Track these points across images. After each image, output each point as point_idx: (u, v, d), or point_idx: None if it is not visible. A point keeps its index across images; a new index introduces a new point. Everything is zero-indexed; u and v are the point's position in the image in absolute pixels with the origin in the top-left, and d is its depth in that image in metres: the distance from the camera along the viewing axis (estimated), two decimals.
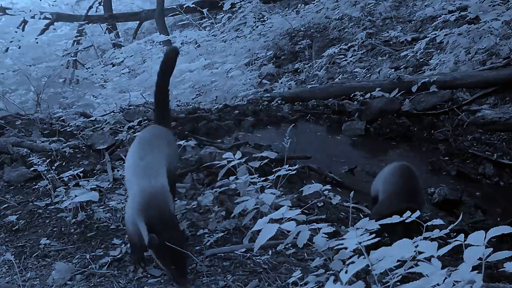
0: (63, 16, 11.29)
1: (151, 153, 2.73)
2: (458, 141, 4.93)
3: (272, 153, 3.41)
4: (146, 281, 2.51)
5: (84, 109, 5.57)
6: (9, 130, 4.65)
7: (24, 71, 5.48)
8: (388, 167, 3.39)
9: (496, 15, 5.61)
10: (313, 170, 4.15)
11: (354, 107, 5.45)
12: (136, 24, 12.93)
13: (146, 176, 2.60)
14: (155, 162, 2.70)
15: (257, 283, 2.42)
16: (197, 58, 7.78)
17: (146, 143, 2.80)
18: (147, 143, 2.79)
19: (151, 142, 2.82)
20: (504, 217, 3.91)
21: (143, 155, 2.71)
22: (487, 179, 4.49)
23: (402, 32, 7.63)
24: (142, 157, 2.70)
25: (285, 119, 5.26)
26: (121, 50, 8.42)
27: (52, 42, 6.51)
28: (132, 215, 2.55)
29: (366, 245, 1.75)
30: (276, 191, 2.86)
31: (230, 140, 4.64)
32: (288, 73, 8.03)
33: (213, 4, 10.61)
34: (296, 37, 8.90)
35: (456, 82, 5.52)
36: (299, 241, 2.08)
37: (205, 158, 3.93)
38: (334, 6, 9.09)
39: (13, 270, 2.64)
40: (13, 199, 3.49)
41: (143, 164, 2.67)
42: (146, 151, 2.73)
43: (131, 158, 2.75)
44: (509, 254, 1.57)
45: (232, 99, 6.19)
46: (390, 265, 1.67)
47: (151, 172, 2.63)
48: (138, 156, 2.71)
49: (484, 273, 1.53)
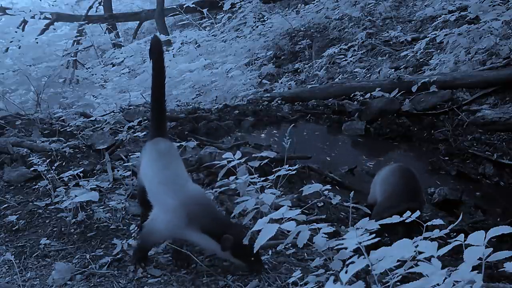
0: (63, 16, 11.30)
1: (172, 162, 2.67)
2: (458, 141, 4.93)
3: (272, 153, 3.41)
4: (146, 281, 2.51)
5: (84, 109, 5.56)
6: (9, 130, 4.65)
7: (24, 71, 5.48)
8: (385, 170, 3.39)
9: (496, 15, 5.61)
10: (313, 170, 4.15)
11: (354, 107, 5.45)
12: (136, 24, 12.95)
13: (179, 184, 2.55)
14: (180, 170, 2.67)
15: (257, 283, 2.42)
16: (197, 58, 7.78)
17: (162, 153, 2.72)
18: (163, 154, 2.71)
19: (167, 152, 2.75)
20: (504, 217, 3.91)
21: (166, 164, 2.65)
22: (487, 179, 4.48)
23: (402, 32, 7.64)
24: (166, 166, 2.64)
25: (285, 119, 5.26)
26: (121, 50, 8.44)
27: (52, 42, 6.52)
28: (174, 227, 2.46)
29: (366, 245, 1.75)
30: (276, 191, 2.86)
31: (230, 140, 4.64)
32: (288, 73, 8.03)
33: (213, 4, 10.61)
34: (296, 37, 8.90)
35: (456, 82, 5.52)
36: (299, 241, 2.08)
37: (205, 158, 3.93)
38: (334, 6, 9.09)
39: (13, 270, 2.64)
40: (13, 199, 3.49)
41: (170, 173, 2.61)
42: (167, 160, 2.66)
43: (151, 169, 2.66)
44: (509, 254, 1.57)
45: (232, 99, 6.19)
46: (390, 265, 1.67)
47: (182, 179, 2.60)
48: (161, 166, 2.63)
49: (484, 273, 1.53)
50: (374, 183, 3.43)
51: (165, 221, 2.50)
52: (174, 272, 2.57)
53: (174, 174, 2.61)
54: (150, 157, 2.72)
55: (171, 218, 2.47)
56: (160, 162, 2.66)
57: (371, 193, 3.44)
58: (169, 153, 2.75)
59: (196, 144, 4.28)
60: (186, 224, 2.41)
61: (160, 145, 2.78)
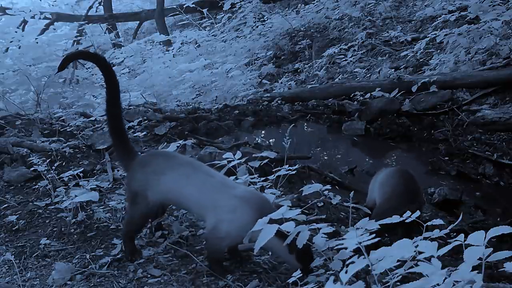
0: (63, 16, 11.31)
1: (209, 169, 2.61)
2: (458, 141, 4.93)
3: (272, 153, 3.41)
4: (146, 281, 2.51)
5: (84, 109, 5.56)
6: (9, 130, 4.65)
7: (24, 71, 5.48)
8: (383, 172, 3.39)
9: (496, 15, 5.62)
10: (313, 170, 4.15)
11: (354, 107, 5.45)
12: (136, 24, 12.95)
13: (231, 186, 2.50)
14: (218, 174, 2.62)
15: (257, 283, 2.42)
16: (197, 58, 7.80)
17: (197, 164, 2.63)
18: (197, 164, 2.63)
19: (196, 161, 2.70)
20: (504, 217, 3.91)
21: (207, 172, 2.56)
22: (487, 179, 4.48)
23: (402, 32, 7.64)
24: (210, 174, 2.55)
25: (285, 119, 5.27)
26: (121, 50, 8.43)
27: (52, 42, 6.51)
28: (247, 223, 2.29)
29: (366, 245, 1.75)
30: (276, 191, 2.87)
31: (230, 140, 4.64)
32: (288, 73, 8.03)
33: (213, 4, 10.62)
34: (296, 37, 8.90)
35: (456, 82, 5.52)
36: (299, 241, 2.08)
37: (205, 158, 3.93)
38: (334, 6, 9.10)
39: (13, 270, 2.63)
40: (13, 199, 3.49)
41: (217, 180, 2.52)
42: (204, 169, 2.58)
43: (191, 180, 2.52)
44: (509, 254, 1.57)
45: (232, 99, 6.19)
46: (390, 265, 1.67)
47: (231, 183, 2.54)
48: (204, 174, 2.53)
49: (484, 273, 1.53)
50: (372, 185, 3.43)
51: (235, 220, 2.40)
52: (174, 272, 2.57)
53: (223, 180, 2.54)
54: (176, 174, 2.57)
55: (240, 216, 2.38)
56: (197, 172, 2.55)
57: (369, 196, 3.44)
58: (196, 162, 2.67)
59: (196, 144, 4.28)
60: (255, 220, 2.20)
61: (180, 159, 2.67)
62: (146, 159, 2.72)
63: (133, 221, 2.69)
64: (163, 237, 2.88)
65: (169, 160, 2.64)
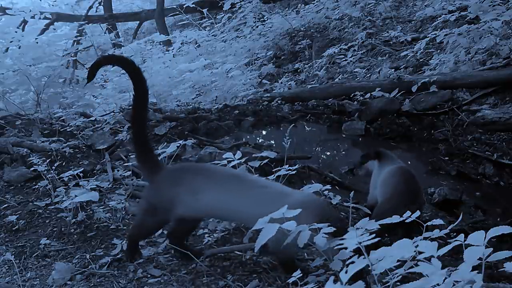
0: (63, 16, 11.31)
1: (257, 178, 2.58)
2: (458, 141, 4.93)
3: (272, 153, 3.41)
4: (146, 281, 2.51)
5: (84, 109, 5.57)
6: (9, 130, 4.65)
7: (24, 71, 5.48)
8: (384, 171, 3.38)
9: (496, 15, 5.61)
10: (313, 170, 4.15)
11: (354, 107, 5.45)
12: (136, 24, 12.96)
13: (287, 195, 2.38)
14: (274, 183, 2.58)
15: (257, 283, 2.42)
16: (197, 58, 7.80)
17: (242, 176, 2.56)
18: (242, 176, 2.57)
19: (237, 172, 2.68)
20: (504, 217, 3.91)
21: (257, 183, 2.48)
22: (487, 179, 4.48)
23: (402, 32, 7.64)
24: (262, 185, 2.46)
25: (285, 119, 5.26)
26: (121, 50, 8.43)
27: (52, 42, 6.52)
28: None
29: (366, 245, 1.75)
30: None
31: (230, 140, 4.64)
32: (288, 73, 8.03)
33: (213, 4, 10.62)
34: (296, 37, 8.90)
35: (456, 82, 5.52)
36: (299, 241, 2.08)
37: (205, 158, 3.93)
38: (334, 6, 9.09)
39: (13, 270, 2.63)
40: (13, 199, 3.49)
41: (273, 189, 2.44)
42: (251, 180, 2.51)
43: (241, 195, 2.42)
44: (509, 254, 1.57)
45: (232, 99, 6.19)
46: (390, 265, 1.67)
47: (286, 189, 2.47)
48: (257, 186, 2.44)
49: (484, 273, 1.53)
50: (373, 183, 3.43)
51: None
52: (174, 272, 2.57)
53: (278, 187, 2.49)
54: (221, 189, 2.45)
55: (303, 223, 2.20)
56: (246, 185, 2.45)
57: (370, 194, 3.44)
58: (233, 173, 2.60)
59: (196, 144, 4.28)
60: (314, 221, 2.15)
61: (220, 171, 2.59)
62: (175, 175, 2.56)
63: (144, 229, 2.64)
64: (163, 237, 2.88)
65: (205, 175, 2.49)
